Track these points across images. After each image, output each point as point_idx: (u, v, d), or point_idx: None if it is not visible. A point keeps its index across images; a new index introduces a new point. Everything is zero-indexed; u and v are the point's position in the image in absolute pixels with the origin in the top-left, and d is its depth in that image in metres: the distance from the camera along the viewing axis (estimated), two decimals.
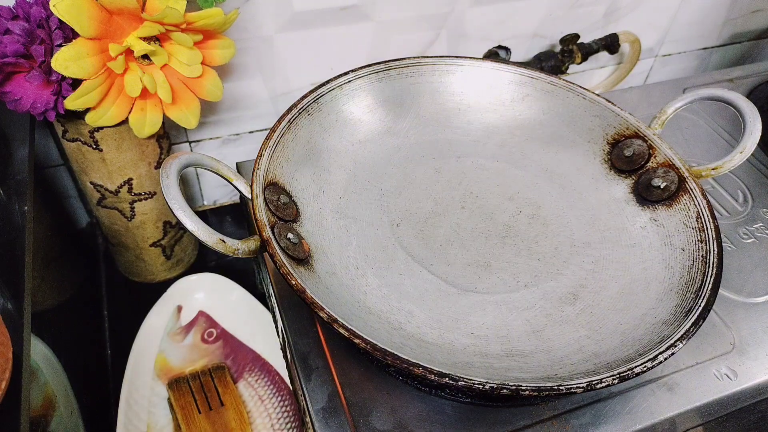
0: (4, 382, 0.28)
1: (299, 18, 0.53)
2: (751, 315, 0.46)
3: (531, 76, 0.51)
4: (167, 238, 0.57)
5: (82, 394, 0.46)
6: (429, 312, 0.40)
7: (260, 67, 0.56)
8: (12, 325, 0.31)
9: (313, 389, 0.39)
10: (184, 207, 0.35)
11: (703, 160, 0.58)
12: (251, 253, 0.37)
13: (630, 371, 0.33)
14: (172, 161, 0.36)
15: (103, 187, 0.51)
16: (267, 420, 0.49)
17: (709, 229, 0.41)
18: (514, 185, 0.49)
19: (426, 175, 0.49)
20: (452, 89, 0.52)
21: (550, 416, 0.39)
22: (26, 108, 0.41)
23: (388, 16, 0.57)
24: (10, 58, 0.39)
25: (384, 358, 0.32)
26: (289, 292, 0.45)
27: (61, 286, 0.52)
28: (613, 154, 0.49)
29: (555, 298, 0.42)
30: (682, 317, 0.37)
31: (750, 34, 0.81)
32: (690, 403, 0.40)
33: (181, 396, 0.49)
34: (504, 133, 0.52)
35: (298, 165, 0.44)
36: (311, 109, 0.46)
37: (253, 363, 0.53)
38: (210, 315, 0.56)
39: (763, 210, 0.55)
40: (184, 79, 0.46)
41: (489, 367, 0.36)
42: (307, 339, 0.42)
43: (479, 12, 0.60)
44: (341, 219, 0.44)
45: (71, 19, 0.38)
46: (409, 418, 0.38)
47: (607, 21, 0.68)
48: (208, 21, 0.42)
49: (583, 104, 0.50)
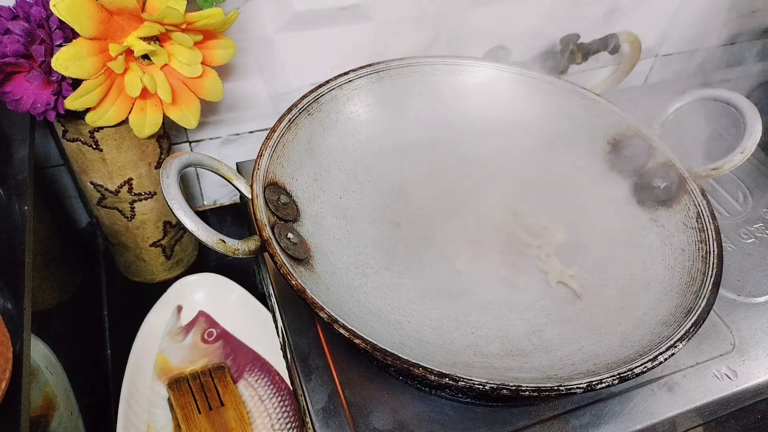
0: (4, 382, 0.28)
1: (299, 18, 0.53)
2: (751, 315, 0.46)
3: (531, 76, 0.51)
4: (167, 238, 0.57)
5: (82, 394, 0.46)
6: (429, 312, 0.40)
7: (260, 67, 0.56)
8: (12, 325, 0.31)
9: (313, 389, 0.39)
10: (185, 207, 0.35)
11: (703, 161, 0.58)
12: (251, 253, 0.37)
13: (630, 372, 0.33)
14: (172, 161, 0.36)
15: (103, 187, 0.51)
16: (267, 420, 0.49)
17: (709, 230, 0.41)
18: (514, 185, 0.49)
19: (426, 175, 0.49)
20: (452, 89, 0.52)
21: (550, 416, 0.39)
22: (26, 108, 0.41)
23: (388, 16, 0.56)
24: (10, 58, 0.39)
25: (384, 358, 0.32)
26: (289, 292, 0.45)
27: (61, 286, 0.52)
28: (613, 154, 0.49)
29: (555, 298, 0.42)
30: (682, 317, 0.37)
31: (750, 34, 0.81)
32: (690, 403, 0.40)
33: (181, 396, 0.49)
34: (504, 133, 0.52)
35: (298, 165, 0.44)
36: (311, 109, 0.46)
37: (253, 363, 0.53)
38: (210, 315, 0.56)
39: (763, 210, 0.55)
40: (184, 79, 0.46)
41: (489, 367, 0.36)
42: (307, 339, 0.42)
43: (479, 12, 0.60)
44: (341, 219, 0.44)
45: (71, 19, 0.38)
46: (409, 418, 0.38)
47: (607, 21, 0.67)
48: (208, 21, 0.42)
49: (583, 104, 0.50)
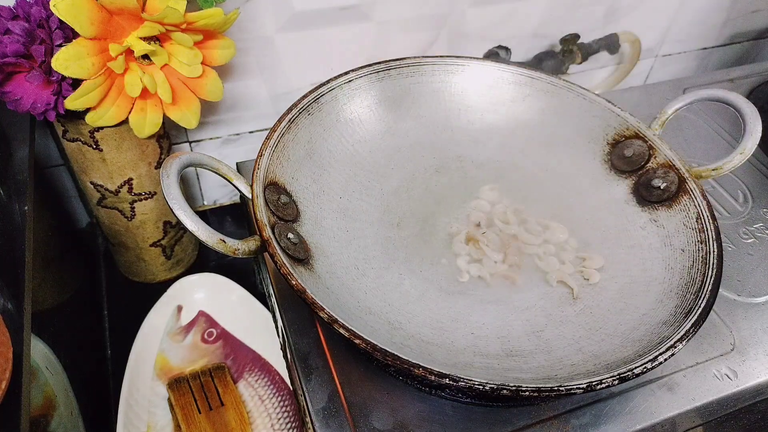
0: (4, 382, 0.28)
1: (299, 18, 0.53)
2: (751, 315, 0.46)
3: (531, 76, 0.51)
4: (167, 238, 0.57)
5: (82, 394, 0.46)
6: (429, 312, 0.40)
7: (260, 67, 0.56)
8: (12, 325, 0.31)
9: (313, 389, 0.39)
10: (185, 207, 0.35)
11: (703, 161, 0.58)
12: (251, 253, 0.37)
13: (630, 372, 0.33)
14: (172, 161, 0.36)
15: (104, 187, 0.51)
16: (267, 420, 0.49)
17: (709, 230, 0.41)
18: (514, 185, 0.49)
19: (426, 175, 0.49)
20: (452, 89, 0.52)
21: (550, 416, 0.39)
22: (26, 108, 0.41)
23: (388, 16, 0.56)
24: (11, 58, 0.39)
25: (384, 358, 0.32)
26: (289, 292, 0.45)
27: (61, 286, 0.52)
28: (613, 155, 0.49)
29: (555, 298, 0.42)
30: (681, 318, 0.37)
31: (750, 34, 0.81)
32: (690, 403, 0.40)
33: (181, 396, 0.49)
34: (504, 133, 0.52)
35: (298, 165, 0.44)
36: (311, 109, 0.46)
37: (253, 363, 0.53)
38: (210, 315, 0.56)
39: (763, 210, 0.55)
40: (184, 79, 0.46)
41: (489, 368, 0.36)
42: (307, 339, 0.42)
43: (479, 12, 0.60)
44: (341, 219, 0.44)
45: (71, 19, 0.38)
46: (409, 418, 0.38)
47: (607, 21, 0.68)
48: (208, 21, 0.42)
49: (583, 104, 0.50)
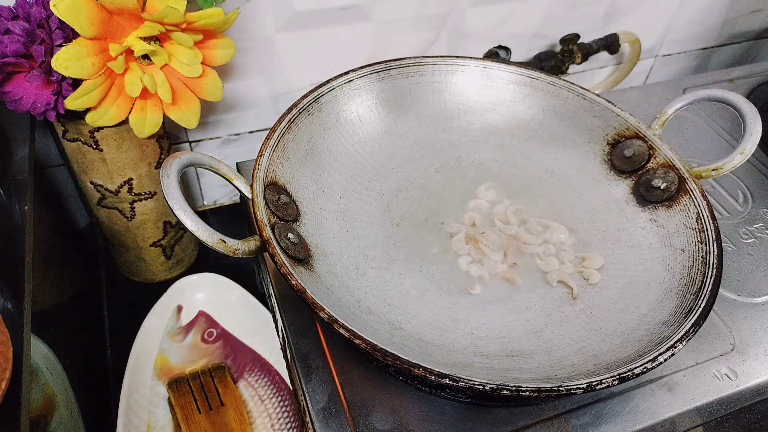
0: (4, 382, 0.28)
1: (299, 18, 0.53)
2: (751, 315, 0.46)
3: (531, 76, 0.51)
4: (167, 238, 0.57)
5: (82, 394, 0.46)
6: (429, 312, 0.40)
7: (260, 67, 0.56)
8: (12, 325, 0.31)
9: (313, 389, 0.39)
10: (185, 207, 0.35)
11: (703, 161, 0.58)
12: (251, 253, 0.37)
13: (630, 372, 0.33)
14: (172, 161, 0.36)
15: (104, 187, 0.51)
16: (267, 420, 0.49)
17: (709, 230, 0.41)
18: (514, 186, 0.49)
19: (426, 175, 0.49)
20: (452, 89, 0.52)
21: (550, 416, 0.39)
22: (26, 108, 0.41)
23: (388, 16, 0.56)
24: (11, 58, 0.39)
25: (384, 358, 0.32)
26: (289, 292, 0.45)
27: (61, 286, 0.52)
28: (613, 155, 0.49)
29: (555, 298, 0.42)
30: (681, 318, 0.37)
31: (750, 34, 0.81)
32: (690, 403, 0.40)
33: (181, 396, 0.49)
34: (504, 134, 0.52)
35: (298, 165, 0.44)
36: (312, 109, 0.46)
37: (253, 363, 0.53)
38: (210, 315, 0.56)
39: (763, 210, 0.55)
40: (184, 79, 0.46)
41: (489, 368, 0.36)
42: (307, 339, 0.42)
43: (479, 12, 0.60)
44: (341, 219, 0.44)
45: (71, 19, 0.38)
46: (409, 418, 0.38)
47: (607, 21, 0.68)
48: (208, 21, 0.42)
49: (583, 104, 0.50)
